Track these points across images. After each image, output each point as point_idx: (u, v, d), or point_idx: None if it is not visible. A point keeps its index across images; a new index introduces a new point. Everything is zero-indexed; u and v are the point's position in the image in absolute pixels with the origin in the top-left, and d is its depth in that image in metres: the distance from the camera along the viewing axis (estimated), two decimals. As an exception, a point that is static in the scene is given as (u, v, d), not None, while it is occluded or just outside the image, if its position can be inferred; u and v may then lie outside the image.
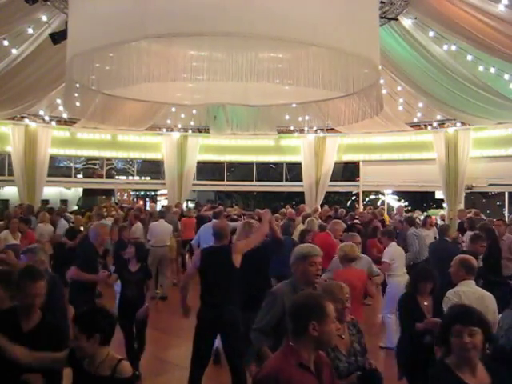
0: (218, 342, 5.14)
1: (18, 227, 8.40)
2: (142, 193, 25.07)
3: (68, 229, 9.75)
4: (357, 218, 11.53)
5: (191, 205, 22.33)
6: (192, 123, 16.13)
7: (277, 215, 10.70)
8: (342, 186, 18.17)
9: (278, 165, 18.54)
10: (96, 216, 10.25)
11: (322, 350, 2.45)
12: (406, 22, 9.22)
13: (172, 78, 5.64)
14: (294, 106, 9.16)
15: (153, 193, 24.80)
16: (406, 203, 24.33)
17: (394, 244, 6.84)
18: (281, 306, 3.33)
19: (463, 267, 4.06)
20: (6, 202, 18.82)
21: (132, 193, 22.74)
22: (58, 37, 8.47)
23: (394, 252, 6.71)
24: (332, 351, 2.94)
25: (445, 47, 9.38)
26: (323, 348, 2.44)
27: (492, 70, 9.58)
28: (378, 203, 23.16)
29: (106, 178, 18.11)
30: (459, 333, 2.43)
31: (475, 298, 3.81)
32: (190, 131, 16.36)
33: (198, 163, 16.75)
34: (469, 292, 3.91)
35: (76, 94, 6.54)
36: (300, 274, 3.46)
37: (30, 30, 9.04)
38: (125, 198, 20.65)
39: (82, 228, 10.08)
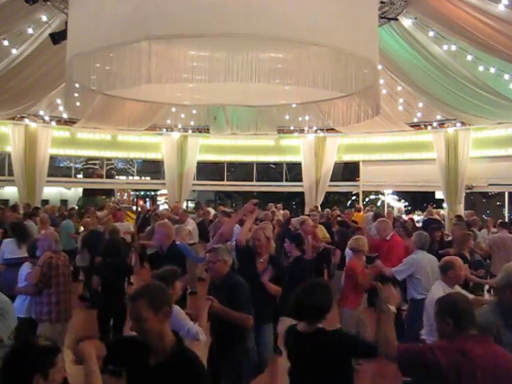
0: None
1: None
2: (142, 193, 25.06)
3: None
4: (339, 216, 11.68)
5: (191, 205, 22.35)
6: (192, 123, 16.12)
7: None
8: (342, 186, 18.16)
9: (278, 165, 18.54)
10: None
11: None
12: (406, 22, 9.23)
13: (172, 79, 5.64)
14: (293, 106, 9.16)
15: (153, 193, 24.80)
16: (406, 203, 24.35)
17: None
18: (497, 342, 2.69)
19: None
20: (6, 201, 18.81)
21: (132, 193, 22.73)
22: (58, 37, 8.47)
23: None
24: None
25: (445, 47, 9.38)
26: None
27: (492, 70, 9.58)
28: (378, 203, 23.18)
29: (106, 178, 18.10)
30: None
31: None
32: (190, 131, 16.35)
33: (198, 163, 16.74)
34: None
35: (76, 94, 6.54)
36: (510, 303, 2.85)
37: (30, 30, 9.05)
38: (125, 198, 20.65)
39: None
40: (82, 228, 9.84)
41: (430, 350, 2.52)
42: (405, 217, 14.14)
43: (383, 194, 20.73)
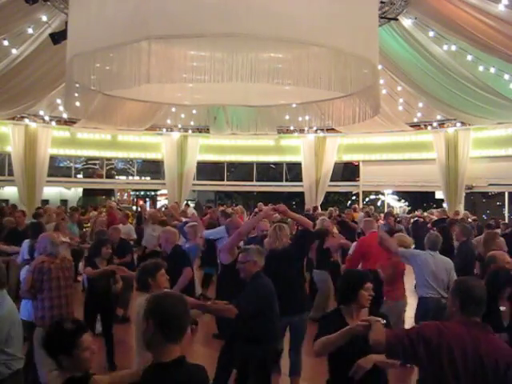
0: None
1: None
2: (142, 193, 25.05)
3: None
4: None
5: (191, 205, 22.34)
6: (192, 123, 16.13)
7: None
8: (342, 186, 18.19)
9: (278, 165, 18.55)
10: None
11: None
12: (406, 22, 9.23)
13: (172, 79, 5.64)
14: (293, 106, 9.15)
15: (153, 193, 24.79)
16: (406, 203, 24.33)
17: None
18: None
19: None
20: (6, 201, 18.82)
21: (132, 193, 22.71)
22: (58, 37, 8.48)
23: None
24: None
25: (445, 47, 9.39)
26: None
27: (492, 70, 9.59)
28: (378, 203, 23.17)
29: (106, 178, 18.12)
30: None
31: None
32: (189, 131, 16.37)
33: (198, 163, 16.76)
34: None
35: (76, 94, 6.54)
36: None
37: (30, 30, 9.06)
38: (125, 198, 20.64)
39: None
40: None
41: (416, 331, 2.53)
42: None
43: (383, 193, 20.73)
